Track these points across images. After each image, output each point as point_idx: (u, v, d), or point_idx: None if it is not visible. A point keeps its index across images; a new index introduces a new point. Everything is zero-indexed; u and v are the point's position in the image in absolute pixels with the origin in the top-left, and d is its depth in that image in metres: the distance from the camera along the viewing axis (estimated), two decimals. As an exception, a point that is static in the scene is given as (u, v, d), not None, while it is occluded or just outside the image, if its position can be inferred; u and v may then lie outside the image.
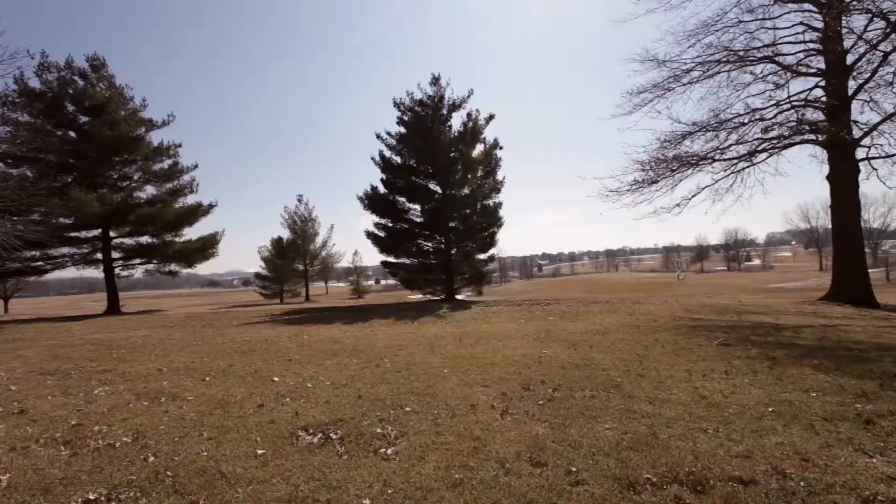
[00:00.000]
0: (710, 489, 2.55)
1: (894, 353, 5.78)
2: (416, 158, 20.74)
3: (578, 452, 3.08)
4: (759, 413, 3.77)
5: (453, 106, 20.83)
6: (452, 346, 7.52)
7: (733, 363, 5.50)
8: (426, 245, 21.73)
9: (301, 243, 39.02)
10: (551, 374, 5.30)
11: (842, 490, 2.52)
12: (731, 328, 8.06)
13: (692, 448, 3.10)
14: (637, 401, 4.17)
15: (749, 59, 11.94)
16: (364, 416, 4.03)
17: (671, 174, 12.23)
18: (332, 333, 9.90)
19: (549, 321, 10.02)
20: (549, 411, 3.97)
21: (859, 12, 10.19)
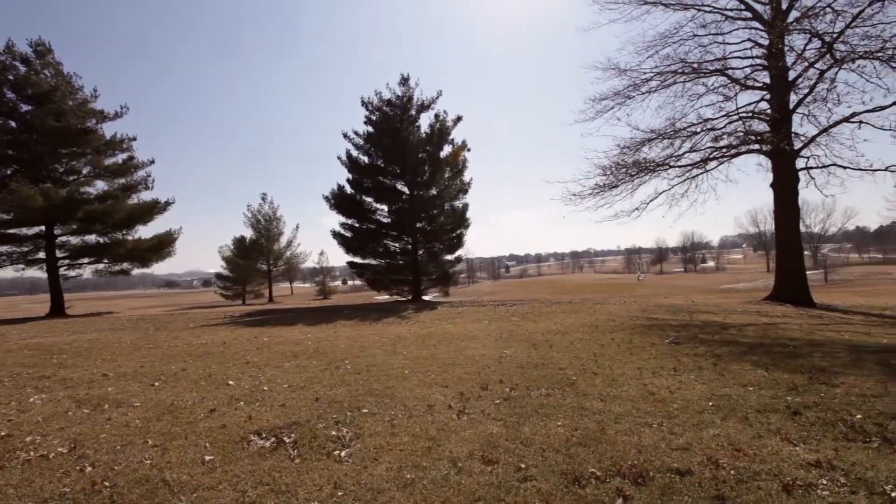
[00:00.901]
0: (649, 481, 2.68)
1: (824, 349, 6.23)
2: (384, 158, 20.60)
3: (529, 449, 3.16)
4: (700, 407, 3.98)
5: (422, 107, 20.83)
6: (415, 346, 7.52)
7: (682, 360, 5.78)
8: (393, 246, 21.63)
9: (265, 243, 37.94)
10: (510, 373, 5.40)
11: (767, 477, 2.70)
12: (682, 327, 8.45)
13: (637, 442, 3.24)
14: (589, 398, 4.32)
15: (702, 71, 12.58)
16: (320, 418, 3.98)
17: (630, 179, 12.71)
18: (293, 335, 9.69)
19: (513, 321, 10.19)
20: (504, 410, 4.05)
21: (799, 32, 10.95)
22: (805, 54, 11.16)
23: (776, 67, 11.56)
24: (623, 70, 13.35)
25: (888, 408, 3.85)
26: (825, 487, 2.59)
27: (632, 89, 12.94)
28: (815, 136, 11.69)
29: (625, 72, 13.31)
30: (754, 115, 12.44)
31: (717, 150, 12.38)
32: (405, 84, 20.71)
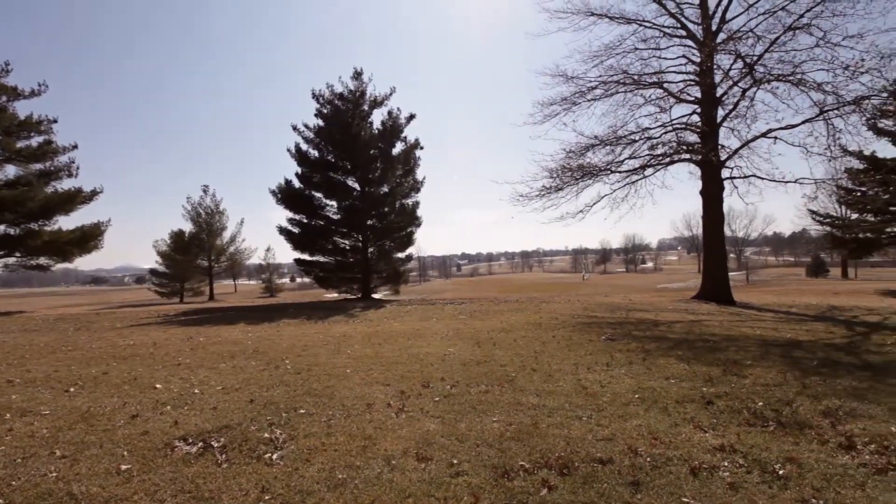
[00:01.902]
0: (574, 470, 2.82)
1: (738, 343, 6.83)
2: (335, 153, 20.14)
3: (464, 445, 3.22)
4: (627, 400, 4.24)
5: (375, 102, 20.57)
6: (360, 345, 7.43)
7: (615, 356, 6.11)
8: (343, 243, 21.20)
9: (206, 237, 35.88)
10: (452, 371, 5.47)
11: (678, 462, 2.93)
12: (618, 325, 8.94)
13: (566, 435, 3.40)
14: (526, 393, 4.47)
15: (642, 83, 13.34)
16: (253, 420, 3.84)
17: (575, 182, 13.25)
18: (233, 335, 9.26)
19: (460, 320, 10.32)
20: (443, 407, 4.10)
21: (725, 53, 11.91)
22: (730, 73, 12.16)
23: (706, 84, 12.49)
24: (570, 77, 13.90)
25: (785, 395, 4.29)
26: (726, 469, 2.85)
27: (578, 96, 13.49)
28: (738, 149, 12.75)
29: (572, 79, 13.85)
30: (687, 126, 13.37)
31: (654, 157, 13.19)
32: (358, 78, 20.35)
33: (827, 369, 5.30)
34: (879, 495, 2.55)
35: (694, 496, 2.54)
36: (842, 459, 2.98)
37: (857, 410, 3.89)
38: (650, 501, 2.48)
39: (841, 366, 5.46)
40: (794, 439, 3.31)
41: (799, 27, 10.94)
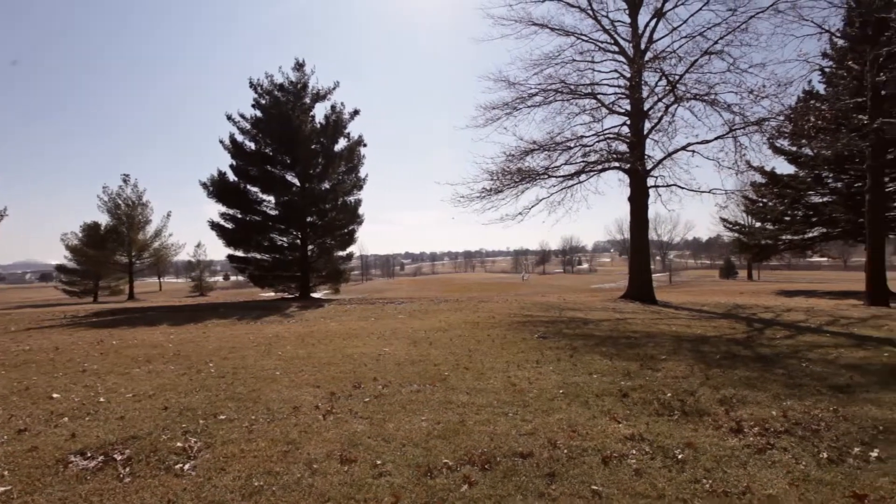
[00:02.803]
0: (495, 465, 2.91)
1: (656, 339, 7.38)
2: (274, 147, 19.31)
3: (390, 446, 3.22)
4: (552, 395, 4.44)
5: (317, 96, 19.95)
6: (292, 346, 7.17)
7: (545, 353, 6.38)
8: (281, 240, 20.36)
9: (126, 231, 32.90)
10: (386, 371, 5.44)
11: (592, 453, 3.12)
12: (551, 323, 9.34)
13: (491, 431, 3.50)
14: (457, 392, 4.54)
15: (578, 93, 14.03)
16: (166, 429, 3.58)
17: (515, 185, 13.68)
18: (152, 337, 8.58)
19: (399, 319, 10.28)
20: (373, 408, 4.06)
21: (652, 70, 12.84)
22: (656, 90, 13.13)
23: (635, 98, 13.38)
24: (512, 83, 14.30)
25: (690, 386, 4.70)
26: (634, 456, 3.07)
27: (519, 102, 13.92)
28: (662, 160, 13.81)
29: (514, 85, 14.26)
30: (617, 136, 14.25)
31: (588, 164, 13.93)
32: (300, 70, 19.64)
33: (727, 361, 5.86)
34: (757, 472, 2.87)
35: (603, 483, 2.71)
36: (731, 442, 3.32)
37: (747, 398, 4.34)
38: (563, 491, 2.62)
39: (739, 358, 6.07)
40: (694, 426, 3.64)
41: (714, 52, 12.05)
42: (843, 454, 3.12)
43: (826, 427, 3.61)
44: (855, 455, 3.10)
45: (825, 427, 3.61)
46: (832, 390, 4.58)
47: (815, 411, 3.97)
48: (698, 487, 2.68)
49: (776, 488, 2.67)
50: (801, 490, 2.65)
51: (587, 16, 14.06)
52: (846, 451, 3.17)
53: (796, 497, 2.58)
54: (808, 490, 2.65)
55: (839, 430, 3.53)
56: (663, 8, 13.39)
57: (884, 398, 4.28)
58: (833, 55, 15.70)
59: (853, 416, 3.82)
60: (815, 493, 2.62)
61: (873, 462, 3.01)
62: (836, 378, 5.02)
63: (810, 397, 4.35)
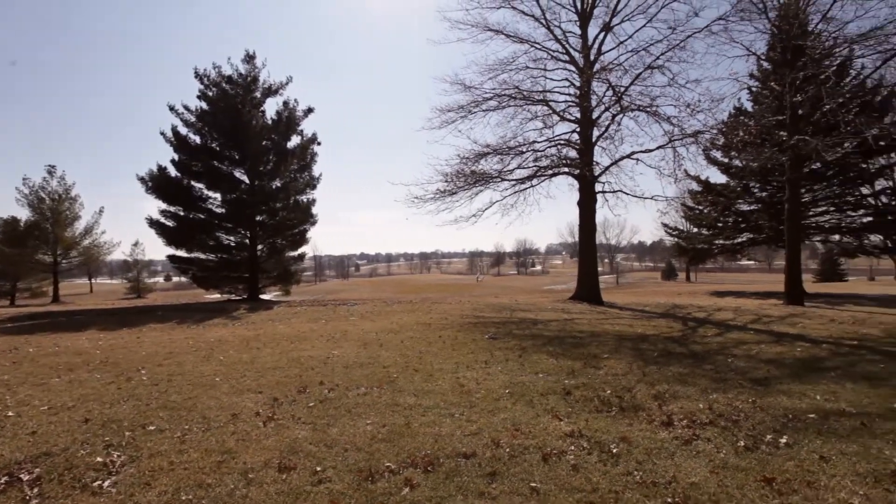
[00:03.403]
0: (438, 467, 2.92)
1: (600, 339, 7.71)
2: (221, 141, 18.41)
3: (332, 451, 3.15)
4: (498, 395, 4.52)
5: (269, 90, 19.26)
6: (235, 350, 6.86)
7: (494, 354, 6.48)
8: (228, 239, 19.43)
9: (50, 228, 30.12)
10: (333, 374, 5.32)
11: (533, 451, 3.20)
12: (502, 324, 9.51)
13: (436, 432, 3.51)
14: (405, 394, 4.52)
15: (531, 99, 14.41)
16: (85, 443, 3.31)
17: (469, 188, 13.84)
18: (77, 343, 7.92)
19: (350, 321, 10.10)
20: (317, 413, 3.96)
21: (600, 81, 13.42)
22: (603, 100, 13.73)
23: (584, 106, 13.92)
24: (468, 87, 14.46)
25: (628, 383, 4.94)
26: (572, 452, 3.18)
27: (474, 105, 14.10)
28: (608, 167, 14.45)
29: (469, 88, 14.43)
30: (568, 143, 14.76)
31: (540, 169, 14.33)
32: (250, 62, 18.87)
33: (663, 359, 6.22)
34: (683, 462, 3.06)
35: (542, 480, 2.79)
36: (662, 435, 3.52)
37: (679, 392, 4.63)
38: (503, 490, 2.67)
39: (674, 356, 6.45)
40: (630, 421, 3.83)
41: (656, 67, 12.78)
42: (758, 442, 3.39)
43: (745, 417, 3.91)
44: (767, 442, 3.38)
45: (744, 417, 3.91)
46: (752, 383, 4.97)
47: (737, 403, 4.29)
48: (630, 479, 2.82)
49: (698, 476, 2.86)
50: (720, 477, 2.85)
51: (540, 25, 14.49)
52: (760, 438, 3.45)
53: (715, 483, 2.78)
54: (726, 476, 2.86)
55: (755, 420, 3.84)
56: (611, 22, 14.04)
57: (794, 389, 4.70)
58: (759, 76, 17.10)
59: (768, 407, 4.16)
60: (732, 479, 2.82)
61: (782, 448, 3.29)
62: (756, 372, 5.46)
63: (733, 390, 4.70)
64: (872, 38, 9.89)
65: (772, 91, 13.46)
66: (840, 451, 3.20)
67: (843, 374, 5.28)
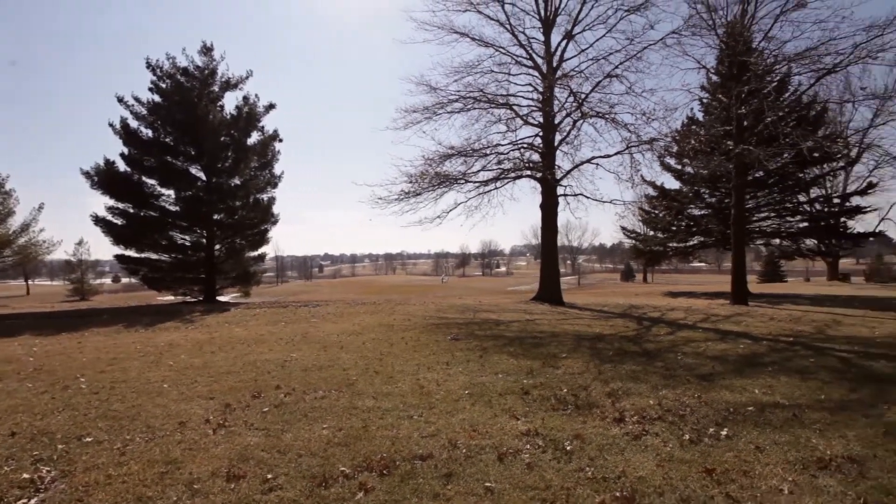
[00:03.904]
0: (394, 470, 2.90)
1: (559, 339, 7.90)
2: (175, 136, 17.59)
3: (285, 457, 3.06)
4: (458, 396, 4.54)
5: (228, 84, 18.56)
6: (187, 355, 6.56)
7: (456, 355, 6.51)
8: (182, 238, 18.57)
9: (-19, 224, 27.74)
10: (291, 377, 5.19)
11: (490, 450, 3.23)
12: (465, 325, 9.58)
13: (394, 435, 3.48)
14: (364, 397, 4.46)
15: (495, 102, 14.62)
16: (11, 459, 3.07)
17: (433, 189, 13.86)
18: (8, 350, 7.34)
19: (311, 323, 9.88)
20: (272, 418, 3.85)
21: (562, 87, 13.80)
22: (565, 105, 14.12)
23: (546, 111, 14.26)
24: (433, 88, 14.50)
25: (584, 381, 5.09)
26: (528, 451, 3.24)
27: (439, 107, 14.15)
28: (570, 171, 14.86)
29: (435, 90, 14.47)
30: (531, 146, 15.07)
31: (503, 171, 14.55)
32: (207, 54, 18.11)
33: (618, 357, 6.44)
34: (633, 457, 3.18)
35: (496, 480, 2.83)
36: (614, 431, 3.65)
37: (631, 389, 4.81)
38: (458, 490, 2.69)
39: (628, 354, 6.70)
40: (584, 418, 3.94)
41: (614, 75, 13.27)
42: (701, 435, 3.57)
43: (691, 412, 4.11)
44: (710, 435, 3.57)
45: (690, 412, 4.10)
46: (698, 379, 5.23)
47: (684, 398, 4.50)
48: (581, 475, 2.90)
49: (646, 470, 2.98)
50: (665, 469, 2.99)
51: (505, 30, 14.72)
52: (704, 432, 3.63)
53: (661, 476, 2.90)
54: (671, 469, 3.00)
55: (700, 414, 4.04)
56: (573, 31, 14.45)
57: (736, 384, 4.98)
58: (709, 88, 18.07)
59: (712, 401, 4.39)
60: (676, 472, 2.96)
61: (723, 440, 3.48)
62: (703, 368, 5.75)
63: (681, 386, 4.93)
64: (807, 58, 10.68)
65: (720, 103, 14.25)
66: (773, 442, 3.42)
67: (779, 369, 5.65)
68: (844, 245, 23.43)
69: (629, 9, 13.23)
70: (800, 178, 19.53)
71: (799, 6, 11.59)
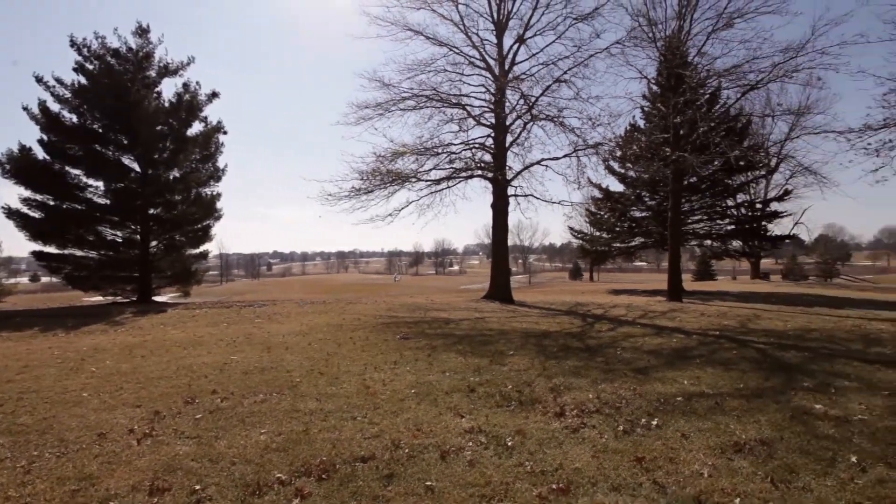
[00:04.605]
0: (333, 474, 2.83)
1: (507, 336, 8.07)
2: (105, 123, 16.26)
3: (216, 466, 2.91)
4: (404, 395, 4.52)
5: (166, 70, 17.37)
6: (114, 360, 6.08)
7: (404, 354, 6.48)
8: (113, 234, 17.20)
9: None
10: (230, 381, 4.94)
11: (432, 449, 3.24)
12: (415, 323, 9.55)
13: (335, 437, 3.40)
14: (307, 399, 4.33)
15: (448, 102, 14.68)
16: None
17: (385, 187, 13.71)
18: None
19: (256, 324, 9.47)
20: (205, 425, 3.64)
21: (513, 90, 14.11)
22: (516, 108, 14.43)
23: (498, 112, 14.51)
24: (386, 84, 14.34)
25: (529, 377, 5.22)
26: (470, 448, 3.28)
27: (392, 104, 14.01)
28: (520, 172, 15.22)
29: (388, 86, 14.31)
30: (482, 147, 15.29)
31: (455, 171, 14.66)
32: (143, 36, 16.86)
33: (563, 353, 6.68)
34: (570, 449, 3.30)
35: (437, 478, 2.83)
36: (554, 425, 3.77)
37: (573, 384, 4.99)
38: (399, 491, 2.67)
39: (572, 350, 6.96)
40: (526, 414, 4.04)
41: (563, 80, 13.74)
42: (634, 425, 3.77)
43: (626, 404, 4.32)
44: (642, 425, 3.77)
45: (625, 404, 4.32)
46: (635, 372, 5.52)
47: (621, 391, 4.73)
48: (521, 470, 2.97)
49: (582, 462, 3.10)
50: (600, 460, 3.12)
51: (459, 30, 14.81)
52: (636, 422, 3.83)
53: (595, 467, 3.03)
54: (605, 460, 3.14)
55: (634, 406, 4.27)
56: (525, 35, 14.79)
57: (668, 376, 5.31)
58: (650, 97, 19.15)
59: (646, 393, 4.65)
60: (609, 462, 3.10)
61: (653, 429, 3.69)
62: (639, 362, 6.08)
63: (619, 379, 5.18)
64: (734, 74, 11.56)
65: (659, 112, 15.13)
66: (698, 429, 3.67)
67: (706, 361, 6.08)
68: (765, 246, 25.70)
69: (577, 17, 13.74)
70: (728, 184, 21.15)
71: (727, 26, 12.55)
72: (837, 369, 5.53)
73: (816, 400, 4.34)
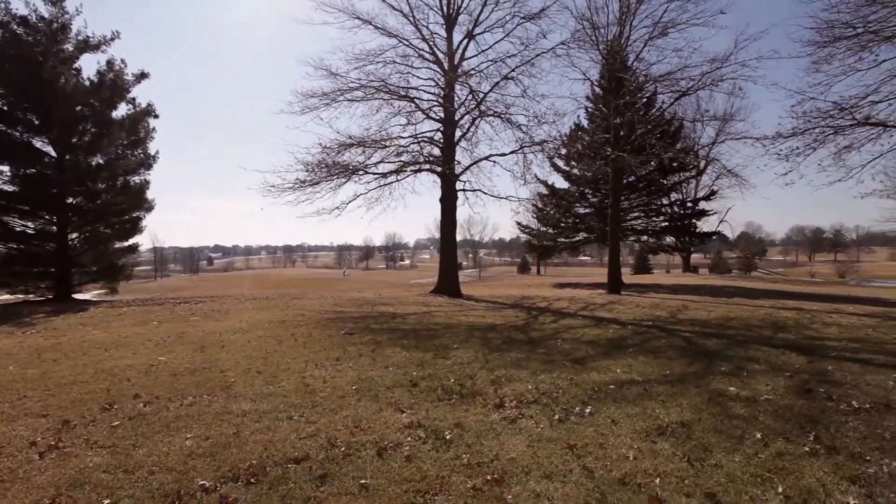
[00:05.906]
0: (263, 477, 2.72)
1: (453, 330, 8.13)
2: (11, 101, 14.56)
3: (132, 477, 2.70)
4: (344, 392, 4.42)
5: (86, 45, 15.79)
6: (18, 365, 5.48)
7: (347, 350, 6.35)
8: (23, 225, 15.50)
9: None
10: (156, 384, 4.60)
11: (369, 446, 3.19)
12: (361, 318, 9.40)
13: (268, 439, 3.27)
14: (241, 400, 4.13)
15: (397, 94, 14.48)
16: None
17: (332, 179, 13.33)
18: None
19: (191, 322, 8.91)
20: (123, 433, 3.37)
21: (462, 85, 14.17)
22: (465, 103, 14.50)
23: (447, 107, 14.51)
24: (333, 73, 13.92)
25: (472, 371, 5.29)
26: (408, 444, 3.27)
27: (339, 94, 13.61)
28: (468, 167, 15.35)
29: (335, 76, 13.90)
30: (431, 141, 15.24)
31: (403, 164, 14.52)
32: (56, 4, 15.19)
33: (506, 346, 6.82)
34: (507, 440, 3.38)
35: (373, 476, 2.80)
36: (493, 417, 3.84)
37: (514, 376, 5.11)
38: (332, 492, 2.60)
39: (515, 342, 7.13)
40: (467, 407, 4.09)
41: (511, 78, 13.97)
42: (569, 414, 3.92)
43: (562, 393, 4.49)
44: (576, 413, 3.93)
45: (562, 393, 4.49)
46: (573, 362, 5.75)
47: (559, 381, 4.90)
48: (457, 463, 3.00)
49: (517, 451, 3.18)
50: (534, 450, 3.22)
51: (409, 22, 14.62)
52: (571, 411, 3.99)
53: (530, 456, 3.12)
54: (540, 448, 3.24)
55: (570, 395, 4.44)
56: (474, 31, 14.86)
57: (603, 365, 5.57)
58: (593, 98, 20.00)
59: (582, 382, 4.85)
60: (543, 450, 3.21)
61: (587, 417, 3.86)
62: (578, 352, 6.34)
63: (558, 370, 5.37)
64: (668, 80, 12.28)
65: (601, 113, 15.81)
66: (627, 414, 3.88)
67: (638, 350, 6.45)
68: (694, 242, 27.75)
69: (525, 16, 13.99)
70: (662, 184, 22.59)
71: (662, 34, 13.32)
72: (750, 354, 6.07)
73: (731, 383, 4.73)
